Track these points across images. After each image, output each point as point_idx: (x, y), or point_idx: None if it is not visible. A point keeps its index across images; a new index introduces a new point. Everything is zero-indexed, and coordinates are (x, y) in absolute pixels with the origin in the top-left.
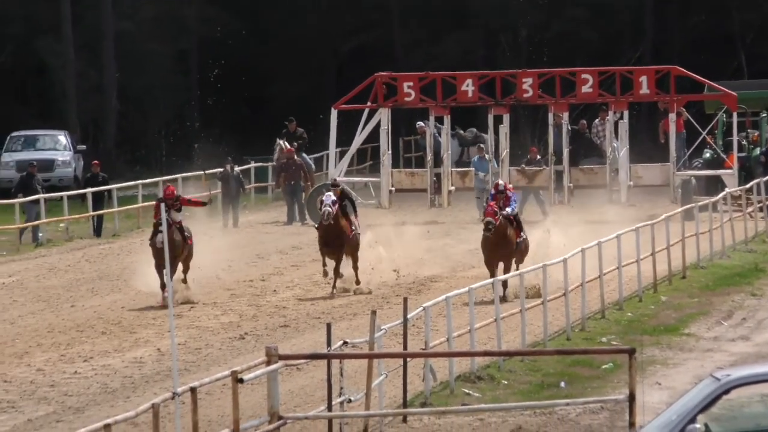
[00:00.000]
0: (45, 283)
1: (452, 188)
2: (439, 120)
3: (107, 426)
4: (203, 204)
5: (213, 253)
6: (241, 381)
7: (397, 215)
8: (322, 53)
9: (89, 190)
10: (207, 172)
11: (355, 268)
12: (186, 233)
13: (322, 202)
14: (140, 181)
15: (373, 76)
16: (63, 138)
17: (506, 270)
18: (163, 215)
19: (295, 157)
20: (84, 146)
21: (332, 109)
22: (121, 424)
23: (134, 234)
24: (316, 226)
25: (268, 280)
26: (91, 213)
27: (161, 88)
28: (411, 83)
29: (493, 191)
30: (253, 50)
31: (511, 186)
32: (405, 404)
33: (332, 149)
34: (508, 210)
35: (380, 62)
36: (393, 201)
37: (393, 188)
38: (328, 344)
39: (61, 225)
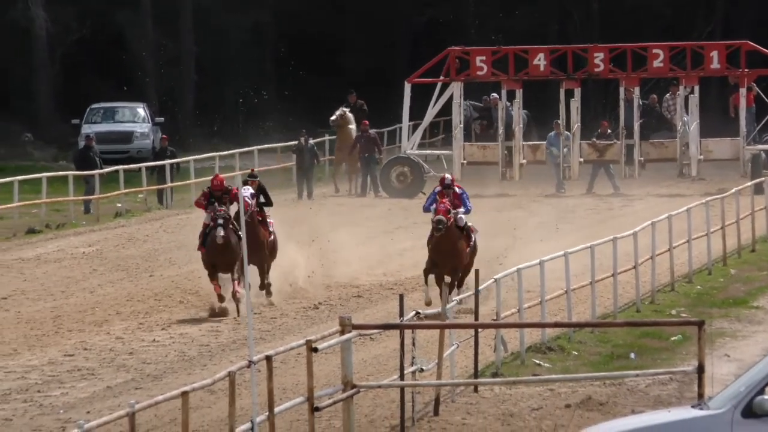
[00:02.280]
0: (124, 253)
1: (523, 161)
2: (511, 94)
3: (185, 393)
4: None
5: (288, 225)
6: (315, 350)
7: (469, 188)
8: (396, 26)
9: (156, 163)
10: (282, 144)
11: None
12: (239, 232)
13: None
14: (217, 153)
15: (446, 50)
16: (141, 110)
17: (455, 285)
18: (241, 200)
19: (371, 131)
20: (162, 118)
21: (406, 83)
22: (198, 392)
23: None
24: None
25: (341, 252)
26: (169, 185)
27: (238, 60)
28: (483, 57)
29: (438, 187)
30: (328, 23)
31: (459, 183)
32: (476, 374)
33: (405, 122)
34: (461, 211)
35: (453, 36)
36: (465, 174)
37: (465, 161)
38: (401, 314)
39: (140, 196)
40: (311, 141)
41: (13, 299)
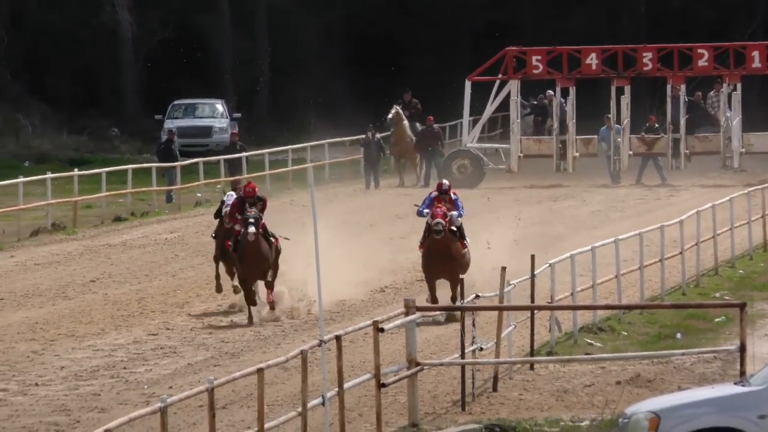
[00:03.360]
0: (203, 239)
1: (576, 154)
2: (565, 91)
3: (260, 370)
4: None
5: (356, 213)
6: (381, 330)
7: (525, 179)
8: (457, 28)
9: (232, 156)
10: (350, 138)
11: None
12: (271, 237)
13: (223, 202)
14: (290, 146)
15: (504, 50)
16: (220, 106)
17: (454, 288)
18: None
19: (434, 125)
20: (239, 114)
21: (466, 80)
22: (273, 369)
23: (284, 195)
24: (213, 235)
25: (407, 238)
26: (246, 176)
27: (309, 60)
28: (539, 57)
29: (435, 191)
30: (394, 25)
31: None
32: (532, 353)
33: (466, 118)
34: (455, 213)
35: (510, 37)
36: (521, 166)
37: (522, 154)
38: (462, 297)
39: (218, 186)
40: (378, 135)
41: (101, 282)
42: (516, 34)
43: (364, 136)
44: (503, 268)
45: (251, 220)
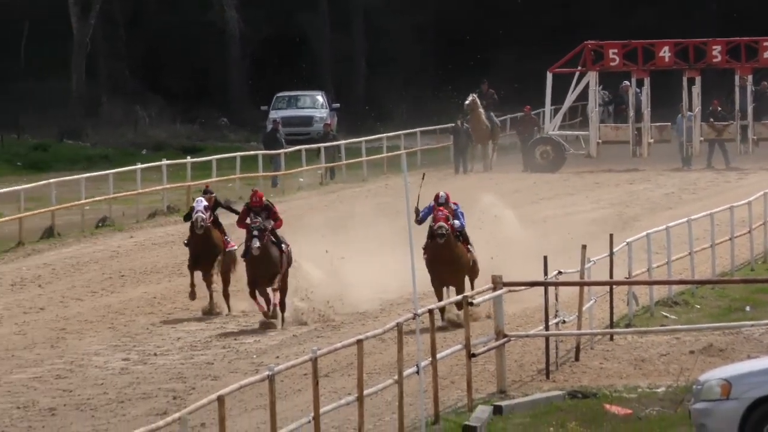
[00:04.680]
0: (305, 222)
1: (651, 140)
2: (640, 82)
3: (359, 341)
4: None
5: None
6: (471, 304)
7: (603, 164)
8: (536, 25)
9: (335, 143)
10: (440, 126)
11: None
12: (283, 244)
13: (192, 208)
14: (384, 134)
15: (582, 44)
16: (320, 98)
17: (459, 293)
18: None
19: (531, 113)
20: (338, 105)
21: (548, 72)
22: (371, 340)
23: (380, 179)
24: (186, 242)
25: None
26: (344, 162)
27: (402, 55)
28: (616, 50)
29: (432, 202)
30: (479, 22)
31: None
32: (611, 325)
33: (548, 107)
34: (457, 223)
35: (588, 32)
36: (600, 151)
37: (600, 140)
38: (545, 273)
39: (318, 172)
40: (466, 124)
41: None
42: (593, 29)
43: (453, 124)
44: (584, 246)
45: (255, 233)
